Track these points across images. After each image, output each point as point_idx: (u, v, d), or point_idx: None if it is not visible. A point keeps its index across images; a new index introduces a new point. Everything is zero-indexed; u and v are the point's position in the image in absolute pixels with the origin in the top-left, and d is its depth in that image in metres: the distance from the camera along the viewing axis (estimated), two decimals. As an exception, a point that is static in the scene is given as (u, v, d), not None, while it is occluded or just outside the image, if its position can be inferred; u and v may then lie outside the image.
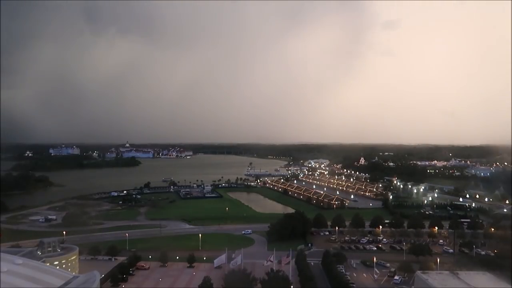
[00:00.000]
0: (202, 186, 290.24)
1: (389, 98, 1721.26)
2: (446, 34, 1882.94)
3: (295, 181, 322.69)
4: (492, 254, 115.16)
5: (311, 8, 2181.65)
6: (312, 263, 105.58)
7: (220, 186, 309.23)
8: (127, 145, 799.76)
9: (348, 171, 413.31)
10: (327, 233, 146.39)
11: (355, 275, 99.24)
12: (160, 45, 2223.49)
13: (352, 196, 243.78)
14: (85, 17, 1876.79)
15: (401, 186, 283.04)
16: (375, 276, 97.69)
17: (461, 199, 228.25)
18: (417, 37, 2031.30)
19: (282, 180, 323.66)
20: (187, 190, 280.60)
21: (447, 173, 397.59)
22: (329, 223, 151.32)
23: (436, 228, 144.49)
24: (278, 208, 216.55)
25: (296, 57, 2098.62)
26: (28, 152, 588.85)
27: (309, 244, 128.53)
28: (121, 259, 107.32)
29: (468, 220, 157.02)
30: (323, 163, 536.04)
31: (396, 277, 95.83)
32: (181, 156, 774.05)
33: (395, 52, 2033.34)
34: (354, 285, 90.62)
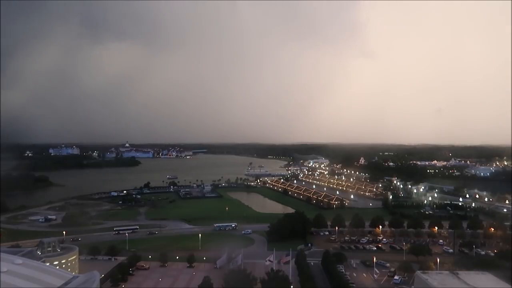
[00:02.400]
0: (202, 186, 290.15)
1: (389, 98, 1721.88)
2: (448, 34, 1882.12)
3: (295, 181, 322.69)
4: (492, 254, 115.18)
5: (310, 9, 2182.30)
6: (312, 263, 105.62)
7: (220, 186, 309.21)
8: (127, 145, 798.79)
9: (348, 171, 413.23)
10: (327, 233, 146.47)
11: (355, 275, 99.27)
12: (160, 46, 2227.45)
13: (352, 196, 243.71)
14: (85, 19, 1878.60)
15: (401, 186, 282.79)
16: (375, 276, 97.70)
17: (461, 199, 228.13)
18: (419, 36, 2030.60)
19: (282, 180, 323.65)
20: (187, 190, 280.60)
21: (447, 173, 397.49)
22: (329, 223, 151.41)
23: (436, 228, 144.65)
24: (278, 208, 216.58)
25: (296, 57, 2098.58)
26: (28, 152, 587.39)
27: (309, 244, 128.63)
28: (121, 259, 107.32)
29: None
30: (323, 163, 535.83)
31: (396, 277, 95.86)
32: (181, 156, 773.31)
33: (395, 52, 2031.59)
34: (354, 285, 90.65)
